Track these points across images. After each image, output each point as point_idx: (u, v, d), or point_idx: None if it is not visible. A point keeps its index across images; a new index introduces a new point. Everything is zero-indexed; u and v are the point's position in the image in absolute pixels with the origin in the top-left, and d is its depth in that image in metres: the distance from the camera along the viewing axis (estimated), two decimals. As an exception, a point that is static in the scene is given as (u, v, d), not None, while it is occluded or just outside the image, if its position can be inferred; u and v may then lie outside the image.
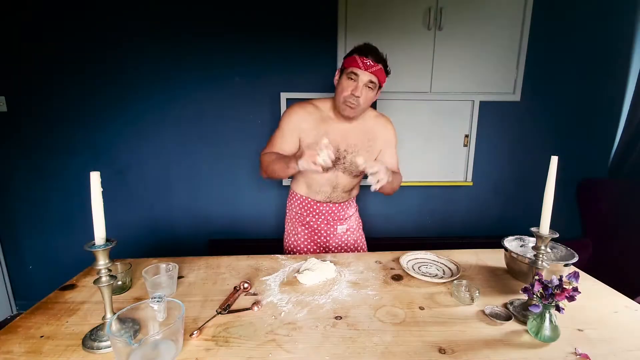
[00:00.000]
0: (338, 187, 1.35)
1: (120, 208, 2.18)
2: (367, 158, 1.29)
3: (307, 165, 1.04)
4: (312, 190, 1.36)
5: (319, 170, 1.03)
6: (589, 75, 2.16)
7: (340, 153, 1.27)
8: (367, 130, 1.30)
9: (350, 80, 1.16)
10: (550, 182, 0.83)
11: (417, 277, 1.05)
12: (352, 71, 1.15)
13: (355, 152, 1.28)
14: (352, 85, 1.15)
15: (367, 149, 1.30)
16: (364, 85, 1.15)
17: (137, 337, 0.73)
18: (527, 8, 2.03)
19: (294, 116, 1.26)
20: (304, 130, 1.25)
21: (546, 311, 0.76)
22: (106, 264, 0.73)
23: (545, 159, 0.85)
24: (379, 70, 1.16)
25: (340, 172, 1.31)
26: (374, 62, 1.14)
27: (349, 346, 0.75)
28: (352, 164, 1.29)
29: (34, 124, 2.06)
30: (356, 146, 1.28)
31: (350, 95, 1.16)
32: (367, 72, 1.14)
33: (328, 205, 1.38)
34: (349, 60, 1.16)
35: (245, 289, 0.98)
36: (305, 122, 1.25)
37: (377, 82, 1.18)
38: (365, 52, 1.14)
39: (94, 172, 0.70)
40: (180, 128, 2.11)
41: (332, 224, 1.41)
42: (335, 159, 1.22)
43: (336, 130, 1.26)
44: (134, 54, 2.00)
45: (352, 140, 1.27)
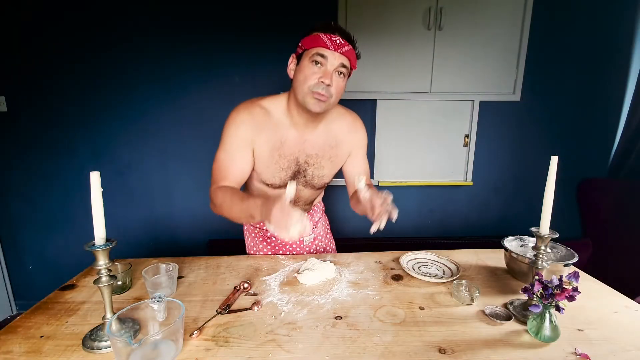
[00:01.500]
0: (299, 201, 1.18)
1: (120, 208, 2.18)
2: (330, 170, 1.11)
3: (277, 234, 0.77)
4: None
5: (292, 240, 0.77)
6: (589, 76, 2.16)
7: (299, 165, 1.07)
8: (330, 135, 1.07)
9: (315, 65, 0.92)
10: (550, 182, 0.83)
11: (417, 277, 1.05)
12: (317, 52, 0.90)
13: (316, 164, 1.08)
14: (320, 72, 0.91)
15: (330, 158, 1.09)
16: (334, 70, 0.92)
17: (137, 337, 0.73)
18: (527, 8, 2.03)
19: (241, 128, 1.00)
20: (256, 142, 1.01)
21: (546, 311, 0.76)
22: (106, 264, 0.73)
23: (545, 159, 0.85)
24: (350, 50, 0.93)
25: (301, 186, 1.12)
26: (343, 40, 0.91)
27: (348, 346, 0.75)
28: (313, 177, 1.10)
29: (34, 124, 2.06)
30: (317, 156, 1.07)
31: (319, 84, 0.91)
32: (337, 53, 0.90)
33: None
34: (311, 40, 0.92)
35: (245, 289, 0.98)
36: (255, 131, 1.00)
37: (349, 67, 0.95)
38: (332, 28, 0.92)
39: (94, 172, 0.70)
40: (181, 128, 2.12)
41: (299, 240, 1.25)
42: (294, 172, 1.07)
43: (291, 138, 1.03)
44: (134, 54, 2.00)
45: (313, 150, 1.06)
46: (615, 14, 2.10)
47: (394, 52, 2.04)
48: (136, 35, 1.98)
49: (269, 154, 1.02)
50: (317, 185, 1.14)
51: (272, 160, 1.03)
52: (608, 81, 2.18)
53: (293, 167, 1.07)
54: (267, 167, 1.04)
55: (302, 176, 1.10)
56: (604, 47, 2.13)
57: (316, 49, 0.91)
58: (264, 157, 1.03)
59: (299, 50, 0.97)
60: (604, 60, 2.15)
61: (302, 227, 0.74)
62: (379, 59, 2.04)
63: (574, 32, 2.10)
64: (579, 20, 2.09)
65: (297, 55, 0.97)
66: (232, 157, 1.00)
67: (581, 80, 2.17)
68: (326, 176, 1.13)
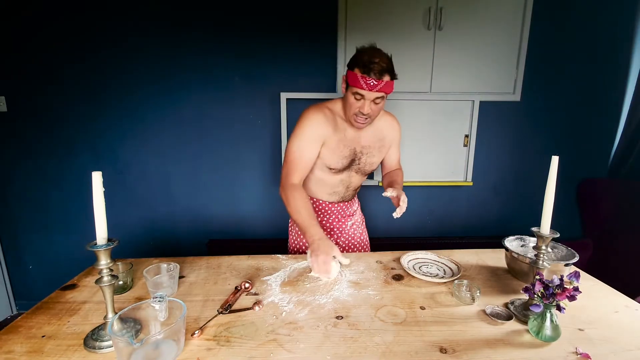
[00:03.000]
0: (351, 186, 1.38)
1: (120, 208, 2.18)
2: (378, 157, 1.33)
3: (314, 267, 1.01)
4: (324, 192, 1.36)
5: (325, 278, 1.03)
6: (589, 76, 2.16)
7: (356, 154, 1.28)
8: (378, 130, 1.31)
9: (355, 100, 1.12)
10: (551, 182, 0.83)
11: (418, 277, 1.05)
12: (356, 92, 1.10)
13: (369, 153, 1.30)
14: (359, 104, 1.12)
15: (378, 149, 1.32)
16: (371, 102, 1.12)
17: (138, 336, 0.74)
18: (527, 8, 2.03)
19: (315, 124, 1.20)
20: (326, 136, 1.22)
21: (547, 311, 0.76)
22: (108, 264, 0.73)
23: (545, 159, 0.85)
24: (386, 84, 1.09)
25: (354, 172, 1.33)
26: (377, 79, 1.07)
27: (350, 346, 0.75)
28: (365, 165, 1.31)
29: (34, 124, 2.06)
30: (369, 147, 1.29)
31: (359, 114, 1.14)
32: (372, 92, 1.09)
33: (339, 205, 1.40)
34: (352, 78, 1.10)
35: (246, 289, 0.98)
36: (326, 127, 1.22)
37: (385, 95, 1.14)
38: (368, 68, 1.06)
39: (96, 172, 0.70)
40: (181, 128, 2.12)
41: (343, 221, 1.43)
42: (351, 160, 1.27)
43: (351, 133, 1.26)
44: (134, 54, 2.00)
45: (366, 142, 1.28)
46: (615, 14, 2.10)
47: (394, 52, 2.00)
48: (136, 36, 1.98)
49: (336, 144, 1.23)
50: (367, 171, 1.36)
51: (338, 149, 1.24)
52: (608, 81, 2.18)
53: (351, 155, 1.28)
54: (333, 154, 1.25)
55: (357, 163, 1.30)
56: (604, 47, 2.13)
57: (355, 88, 1.10)
58: (331, 147, 1.24)
59: (346, 77, 1.15)
60: (604, 60, 2.15)
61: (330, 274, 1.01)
62: (379, 59, 2.04)
63: (574, 32, 2.10)
64: (579, 21, 2.09)
65: (346, 81, 1.16)
66: (305, 149, 1.21)
67: (581, 80, 2.17)
68: (375, 163, 1.35)
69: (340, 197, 1.39)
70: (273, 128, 2.14)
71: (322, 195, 1.38)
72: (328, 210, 1.39)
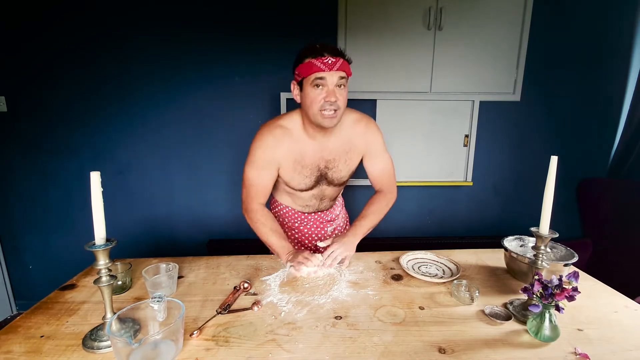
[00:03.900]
0: (325, 198, 1.31)
1: (120, 208, 2.18)
2: (347, 170, 1.23)
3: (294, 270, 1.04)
4: (298, 204, 1.31)
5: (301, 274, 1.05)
6: (589, 75, 2.16)
7: (321, 171, 1.19)
8: (344, 140, 1.18)
9: (318, 89, 1.02)
10: (550, 182, 0.83)
11: (417, 277, 1.05)
12: (315, 77, 1.01)
13: (335, 167, 1.20)
14: (323, 92, 1.02)
15: (345, 162, 1.20)
16: (335, 86, 1.02)
17: (137, 337, 0.74)
18: (527, 8, 2.03)
19: (266, 149, 1.13)
20: (280, 159, 1.14)
21: (546, 311, 0.76)
22: (106, 264, 0.73)
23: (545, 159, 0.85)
24: (343, 63, 1.02)
25: (325, 185, 1.25)
26: (334, 56, 1.00)
27: (348, 346, 0.75)
28: (334, 179, 1.22)
29: (34, 124, 2.06)
30: (335, 160, 1.19)
31: (326, 103, 1.02)
32: (333, 72, 1.00)
33: (317, 214, 1.35)
34: (305, 68, 1.02)
35: (245, 289, 0.98)
36: (279, 150, 1.13)
37: (346, 76, 1.05)
38: (320, 50, 1.00)
39: (94, 172, 0.70)
40: (181, 128, 2.12)
41: (321, 227, 1.38)
42: (317, 178, 1.20)
43: (310, 149, 1.15)
44: (134, 54, 2.00)
45: (330, 155, 1.18)
46: (615, 14, 2.09)
47: (394, 52, 2.04)
48: (136, 36, 1.98)
49: (292, 166, 1.15)
50: (338, 184, 1.27)
51: (295, 171, 1.16)
52: (608, 81, 2.18)
53: (315, 174, 1.19)
54: (292, 177, 1.17)
55: (324, 178, 1.22)
56: (604, 47, 2.13)
57: (314, 74, 1.01)
58: (288, 170, 1.16)
59: (297, 77, 1.07)
60: (604, 60, 2.15)
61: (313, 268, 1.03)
62: (379, 59, 2.04)
63: (574, 32, 2.10)
64: (579, 20, 2.09)
65: (298, 82, 1.08)
66: (260, 174, 1.15)
67: (581, 80, 2.17)
68: (344, 176, 1.25)
69: (315, 209, 1.33)
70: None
71: (295, 207, 1.33)
72: (304, 219, 1.34)
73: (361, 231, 1.17)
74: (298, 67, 1.05)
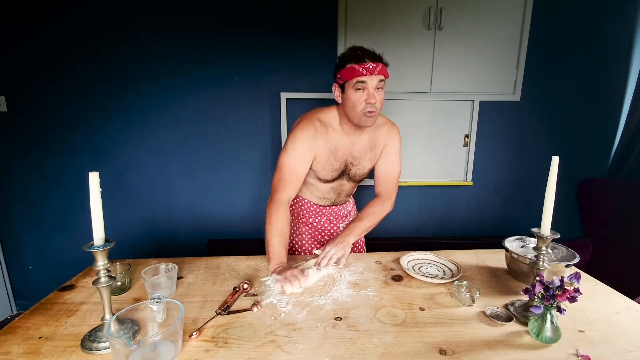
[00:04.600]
0: (342, 193, 1.37)
1: (119, 208, 2.18)
2: (369, 167, 1.30)
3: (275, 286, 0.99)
4: (315, 196, 1.36)
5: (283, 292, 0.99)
6: (589, 75, 2.16)
7: (347, 166, 1.27)
8: (371, 139, 1.27)
9: (359, 92, 1.10)
10: (551, 183, 0.82)
11: (417, 277, 1.04)
12: (357, 81, 1.08)
13: (359, 164, 1.28)
14: (364, 95, 1.10)
15: (369, 159, 1.29)
16: (374, 89, 1.10)
17: (136, 338, 0.73)
18: (527, 8, 2.02)
19: (306, 139, 1.19)
20: (317, 150, 1.20)
21: (547, 312, 0.76)
22: (105, 265, 0.73)
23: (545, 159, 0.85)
24: (382, 67, 1.10)
25: (345, 180, 1.32)
26: (374, 62, 1.08)
27: (348, 347, 0.74)
28: (355, 175, 1.30)
29: (33, 124, 2.06)
30: (360, 157, 1.27)
31: (368, 105, 1.10)
32: (373, 76, 1.08)
33: (331, 208, 1.40)
34: (347, 72, 1.10)
35: (244, 290, 0.97)
36: (317, 142, 1.19)
37: (384, 79, 1.13)
38: (361, 56, 1.08)
39: (93, 173, 0.70)
40: (180, 128, 2.11)
41: (334, 223, 1.42)
42: (341, 171, 1.27)
43: (343, 144, 1.23)
44: (133, 54, 2.00)
45: (358, 153, 1.26)
46: (615, 14, 2.09)
47: (394, 52, 2.03)
48: (136, 36, 1.98)
49: (326, 157, 1.22)
50: (357, 180, 1.34)
51: (328, 162, 1.22)
52: (608, 81, 2.18)
53: (342, 167, 1.26)
54: (324, 167, 1.23)
55: (347, 173, 1.29)
56: (604, 47, 2.13)
57: (355, 79, 1.08)
58: (322, 160, 1.22)
59: (339, 81, 1.14)
60: (604, 60, 2.14)
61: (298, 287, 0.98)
62: (379, 59, 2.04)
63: (574, 32, 2.10)
64: (579, 20, 2.08)
65: (340, 85, 1.14)
66: (296, 165, 1.19)
67: (581, 80, 2.16)
68: (365, 173, 1.33)
69: (331, 202, 1.39)
70: (273, 128, 2.14)
71: (313, 199, 1.37)
72: (319, 212, 1.39)
73: (355, 232, 1.22)
74: (340, 72, 1.12)
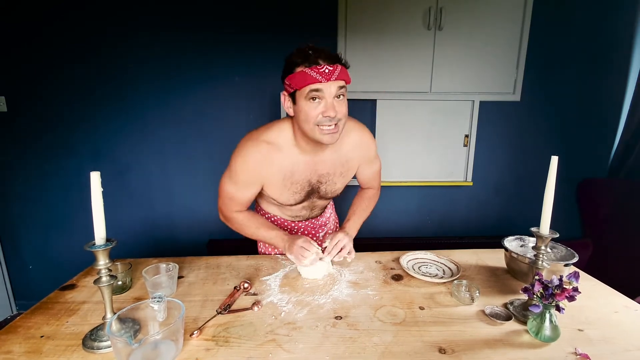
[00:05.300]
0: (315, 208, 1.25)
1: (120, 208, 2.18)
2: (342, 183, 1.15)
3: (295, 261, 1.02)
4: (287, 214, 1.24)
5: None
6: (589, 76, 2.16)
7: (312, 186, 1.09)
8: (340, 154, 1.07)
9: (314, 102, 0.88)
10: (551, 182, 0.83)
11: (417, 277, 1.05)
12: (311, 90, 0.87)
13: (329, 181, 1.11)
14: (320, 106, 0.89)
15: (341, 174, 1.11)
16: (333, 98, 0.88)
17: (137, 337, 0.73)
18: (527, 8, 2.03)
19: (250, 167, 1.01)
20: (265, 177, 1.03)
21: (546, 311, 0.76)
22: (106, 264, 0.73)
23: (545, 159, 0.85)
24: (341, 70, 0.88)
25: (316, 198, 1.17)
26: (331, 64, 0.87)
27: (348, 346, 0.75)
28: (327, 192, 1.14)
29: (34, 124, 2.06)
30: (329, 174, 1.09)
31: (325, 119, 0.89)
32: (331, 82, 0.86)
33: (308, 221, 1.29)
34: (297, 79, 0.87)
35: (245, 289, 0.98)
36: (264, 168, 1.01)
37: (345, 85, 0.92)
38: (314, 57, 0.87)
39: (94, 172, 0.70)
40: (181, 128, 2.11)
41: (313, 233, 1.33)
42: (307, 193, 1.11)
43: (302, 165, 1.03)
44: (134, 54, 2.00)
45: (324, 170, 1.07)
46: (615, 14, 2.09)
47: (394, 52, 2.04)
48: (136, 36, 1.98)
49: (281, 183, 1.05)
50: (331, 197, 1.19)
51: (284, 187, 1.06)
52: (608, 81, 2.18)
53: (306, 188, 1.10)
54: (281, 193, 1.08)
55: (316, 193, 1.13)
56: (604, 47, 2.13)
57: (309, 86, 0.87)
58: (276, 187, 1.06)
59: (289, 89, 0.92)
60: (604, 60, 2.15)
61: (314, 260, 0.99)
62: (379, 59, 2.04)
63: (574, 32, 2.10)
64: (579, 20, 2.09)
65: (289, 94, 0.93)
66: (239, 190, 1.06)
67: (581, 80, 2.17)
68: (339, 189, 1.17)
69: (306, 217, 1.27)
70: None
71: (285, 217, 1.25)
72: (294, 226, 1.28)
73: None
74: (288, 77, 0.90)
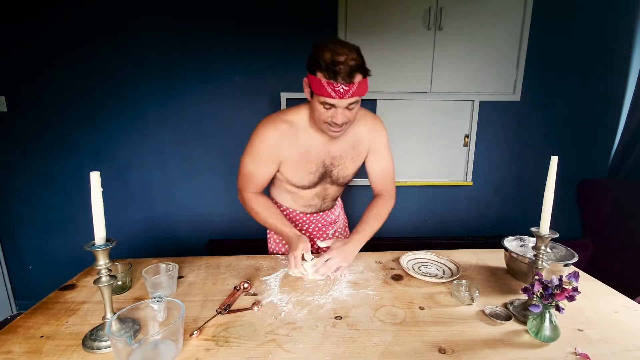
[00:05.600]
0: (327, 197, 1.28)
1: (120, 208, 2.18)
2: (353, 168, 1.19)
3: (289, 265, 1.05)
4: (299, 204, 1.27)
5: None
6: (589, 75, 2.16)
7: (326, 168, 1.15)
8: (352, 137, 1.13)
9: (325, 109, 0.95)
10: (550, 182, 0.83)
11: (417, 277, 1.05)
12: (324, 101, 0.93)
13: (341, 165, 1.16)
14: (330, 113, 0.95)
15: (352, 158, 1.17)
16: (344, 109, 0.95)
17: (137, 337, 0.73)
18: (527, 8, 2.03)
19: (267, 143, 1.06)
20: (283, 154, 1.08)
21: (546, 311, 0.76)
22: (106, 264, 0.73)
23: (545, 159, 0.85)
24: (358, 87, 0.91)
25: (328, 184, 1.21)
26: (347, 83, 0.89)
27: (348, 346, 0.75)
28: (338, 177, 1.19)
29: (34, 124, 2.06)
30: (342, 157, 1.15)
31: (332, 124, 0.98)
32: (344, 100, 0.91)
33: (318, 215, 1.32)
34: (316, 85, 0.92)
35: (245, 289, 0.98)
36: (281, 145, 1.07)
37: (359, 99, 0.96)
38: (333, 71, 0.88)
39: (94, 172, 0.70)
40: (181, 128, 2.12)
41: (323, 230, 1.35)
42: (321, 175, 1.16)
43: (318, 144, 1.09)
44: (134, 54, 2.00)
45: (337, 152, 1.13)
46: (615, 14, 2.09)
47: (394, 52, 2.04)
48: (136, 36, 1.98)
49: (297, 161, 1.10)
50: (342, 183, 1.23)
51: (300, 165, 1.11)
52: (608, 81, 2.18)
53: (320, 170, 1.14)
54: (296, 172, 1.12)
55: (329, 176, 1.18)
56: (604, 47, 2.13)
57: (322, 97, 0.92)
58: (292, 165, 1.10)
59: (309, 83, 0.97)
60: (604, 60, 2.15)
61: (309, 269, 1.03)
62: (379, 59, 2.04)
63: (574, 32, 2.10)
64: (579, 21, 2.09)
65: (308, 84, 0.98)
66: (258, 167, 1.11)
67: (581, 80, 2.17)
68: (350, 174, 1.21)
69: (317, 209, 1.30)
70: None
71: (297, 207, 1.28)
72: (306, 220, 1.30)
73: (364, 238, 1.13)
74: (309, 75, 0.95)
